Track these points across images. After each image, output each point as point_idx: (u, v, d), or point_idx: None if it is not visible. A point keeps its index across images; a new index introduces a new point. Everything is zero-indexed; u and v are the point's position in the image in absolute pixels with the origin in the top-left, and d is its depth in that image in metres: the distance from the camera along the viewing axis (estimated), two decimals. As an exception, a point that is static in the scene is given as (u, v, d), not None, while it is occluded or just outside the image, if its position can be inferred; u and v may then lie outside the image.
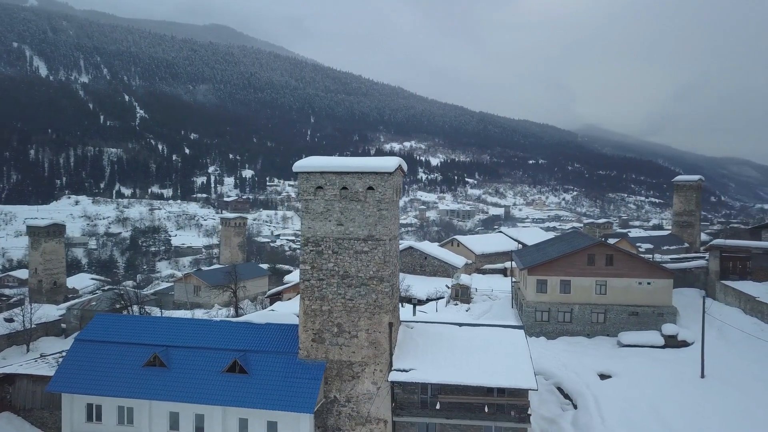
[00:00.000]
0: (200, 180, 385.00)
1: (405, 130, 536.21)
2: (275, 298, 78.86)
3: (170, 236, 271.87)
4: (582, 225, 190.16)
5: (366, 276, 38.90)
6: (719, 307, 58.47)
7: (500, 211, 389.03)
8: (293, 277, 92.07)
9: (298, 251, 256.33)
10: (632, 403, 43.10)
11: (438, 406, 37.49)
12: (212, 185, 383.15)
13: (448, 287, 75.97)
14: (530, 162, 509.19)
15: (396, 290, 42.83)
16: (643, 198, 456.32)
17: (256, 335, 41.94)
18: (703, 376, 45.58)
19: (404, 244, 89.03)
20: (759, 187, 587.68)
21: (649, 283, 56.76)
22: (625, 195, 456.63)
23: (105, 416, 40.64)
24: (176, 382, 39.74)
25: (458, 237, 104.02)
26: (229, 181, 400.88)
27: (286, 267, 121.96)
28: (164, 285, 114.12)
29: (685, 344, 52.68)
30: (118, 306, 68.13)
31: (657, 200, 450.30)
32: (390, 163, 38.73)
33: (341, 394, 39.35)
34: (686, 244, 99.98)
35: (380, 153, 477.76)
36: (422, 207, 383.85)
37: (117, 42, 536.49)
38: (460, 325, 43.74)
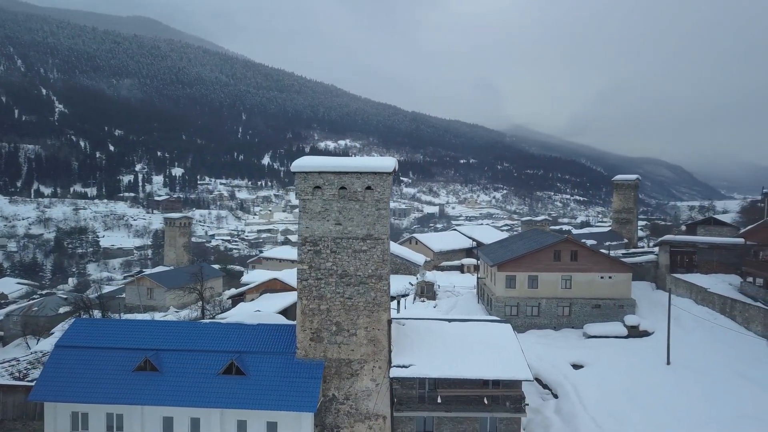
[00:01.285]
0: (127, 178, 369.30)
1: (339, 129, 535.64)
2: (237, 299, 77.56)
3: (98, 237, 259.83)
4: (519, 222, 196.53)
5: (365, 274, 39.44)
6: (673, 298, 62.66)
7: (435, 210, 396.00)
8: (252, 277, 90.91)
9: (245, 251, 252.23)
10: (608, 391, 45.83)
11: (439, 400, 38.53)
12: (140, 184, 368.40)
13: (412, 284, 77.31)
14: (462, 161, 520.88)
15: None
16: (568, 196, 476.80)
17: (250, 336, 41.61)
18: (668, 362, 49.02)
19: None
20: (672, 186, 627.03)
21: (610, 277, 60.22)
22: (552, 193, 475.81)
23: (92, 424, 39.18)
24: (170, 386, 38.85)
25: (417, 235, 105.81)
26: (158, 179, 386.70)
27: (238, 268, 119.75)
28: (109, 288, 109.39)
29: (646, 334, 56.33)
30: (77, 312, 65.26)
31: (581, 198, 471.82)
32: (388, 163, 39.47)
33: (340, 392, 39.71)
34: (625, 240, 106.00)
35: (315, 151, 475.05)
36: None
37: (32, 32, 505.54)
38: (449, 321, 45.05)
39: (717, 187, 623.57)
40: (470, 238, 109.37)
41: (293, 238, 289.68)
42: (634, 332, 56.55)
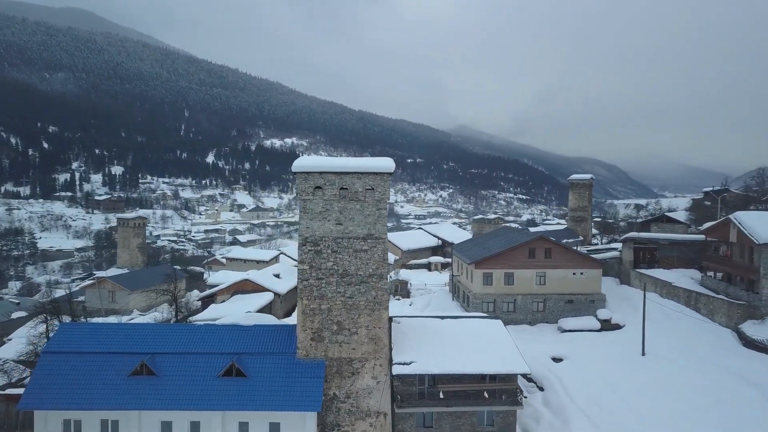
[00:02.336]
0: (63, 177, 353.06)
1: (286, 127, 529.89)
2: (208, 300, 76.17)
3: (35, 239, 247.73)
4: (467, 220, 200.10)
5: (366, 274, 39.87)
6: (637, 292, 65.86)
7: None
8: (218, 278, 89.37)
9: (194, 252, 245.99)
10: (590, 382, 47.93)
11: (441, 395, 39.43)
12: (77, 183, 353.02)
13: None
14: (408, 161, 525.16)
15: (386, 287, 44.12)
16: (511, 195, 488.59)
17: (248, 337, 41.36)
18: (644, 353, 51.65)
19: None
20: (608, 185, 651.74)
21: (582, 273, 62.80)
22: (496, 192, 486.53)
23: (86, 431, 37.99)
24: (168, 389, 38.21)
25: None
26: (97, 178, 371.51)
27: (198, 269, 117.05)
28: (61, 291, 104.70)
29: (618, 327, 59.09)
30: (37, 316, 62.55)
31: (524, 197, 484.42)
32: (389, 163, 39.97)
33: (341, 390, 40.02)
34: (581, 237, 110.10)
35: (261, 149, 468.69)
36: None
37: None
38: (442, 318, 46.04)
39: (650, 186, 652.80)
40: (436, 236, 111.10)
41: (242, 238, 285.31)
42: (607, 326, 59.22)
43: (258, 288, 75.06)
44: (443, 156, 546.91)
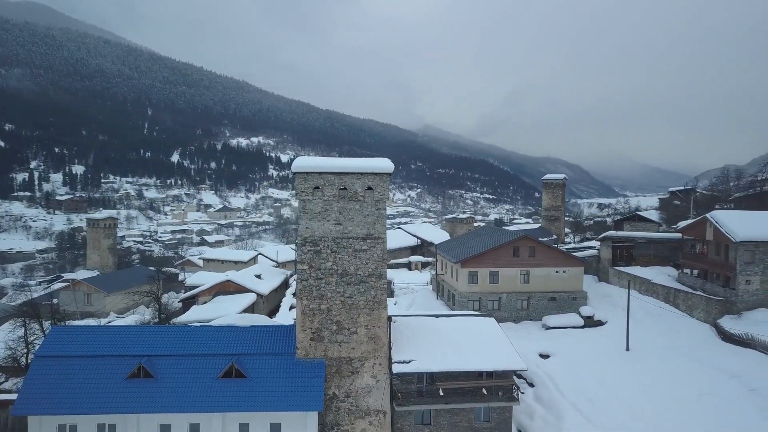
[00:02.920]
0: (21, 176, 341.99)
1: (252, 126, 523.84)
2: (189, 302, 75.10)
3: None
4: (436, 219, 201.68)
5: (365, 273, 40.16)
6: (616, 289, 67.89)
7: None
8: (197, 279, 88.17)
9: (168, 252, 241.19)
10: (578, 377, 49.17)
11: (441, 393, 39.98)
12: (36, 182, 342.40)
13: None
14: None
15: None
16: (478, 194, 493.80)
17: (246, 339, 41.29)
18: (628, 349, 53.20)
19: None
20: (572, 184, 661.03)
21: (564, 272, 64.23)
22: (463, 192, 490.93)
23: (82, 436, 37.32)
24: (167, 392, 37.92)
25: None
26: (57, 177, 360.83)
27: (173, 270, 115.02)
28: (31, 294, 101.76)
29: (600, 323, 60.68)
30: (14, 319, 60.76)
31: (490, 196, 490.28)
32: (388, 164, 40.36)
33: (340, 390, 40.23)
34: (555, 236, 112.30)
35: (227, 148, 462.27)
36: (277, 204, 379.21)
37: None
38: (437, 316, 46.64)
39: (612, 186, 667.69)
40: (415, 236, 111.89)
41: (210, 238, 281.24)
42: (590, 322, 60.77)
43: (240, 289, 74.44)
44: (411, 156, 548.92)
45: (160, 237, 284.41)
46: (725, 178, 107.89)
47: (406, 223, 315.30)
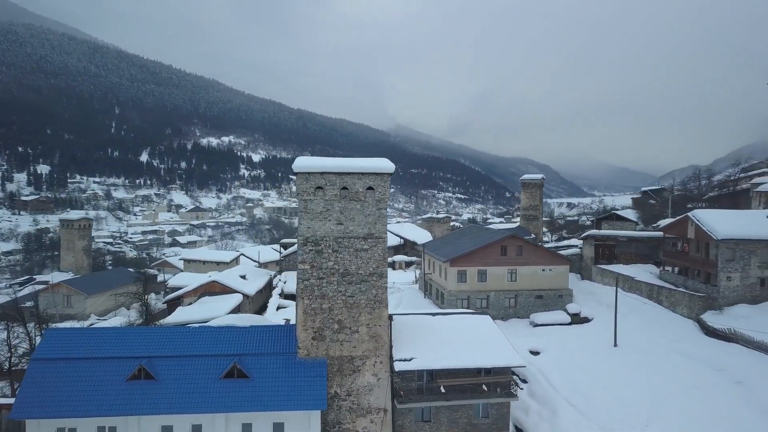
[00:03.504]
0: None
1: (223, 125, 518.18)
2: (174, 303, 74.21)
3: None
4: (420, 219, 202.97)
5: (366, 273, 40.49)
6: (600, 287, 69.54)
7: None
8: (180, 280, 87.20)
9: (133, 253, 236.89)
10: (569, 373, 50.30)
11: (443, 390, 40.53)
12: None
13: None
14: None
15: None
16: (450, 194, 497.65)
17: (246, 339, 41.23)
18: (615, 344, 54.57)
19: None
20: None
21: (550, 270, 65.48)
22: (435, 191, 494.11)
23: (82, 439, 36.82)
24: (169, 393, 37.68)
25: None
26: (21, 177, 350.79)
27: (151, 271, 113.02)
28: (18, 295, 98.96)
29: (586, 320, 62.05)
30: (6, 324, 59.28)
31: (462, 196, 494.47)
32: (389, 164, 40.76)
33: (342, 388, 40.46)
34: (533, 235, 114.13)
35: (197, 148, 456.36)
36: (249, 204, 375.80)
37: None
38: (433, 314, 47.20)
39: (580, 185, 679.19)
40: (398, 236, 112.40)
41: (182, 239, 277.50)
42: (576, 319, 62.08)
43: (226, 290, 73.93)
44: (383, 155, 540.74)
45: (130, 238, 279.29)
46: (697, 177, 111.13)
47: (389, 223, 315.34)
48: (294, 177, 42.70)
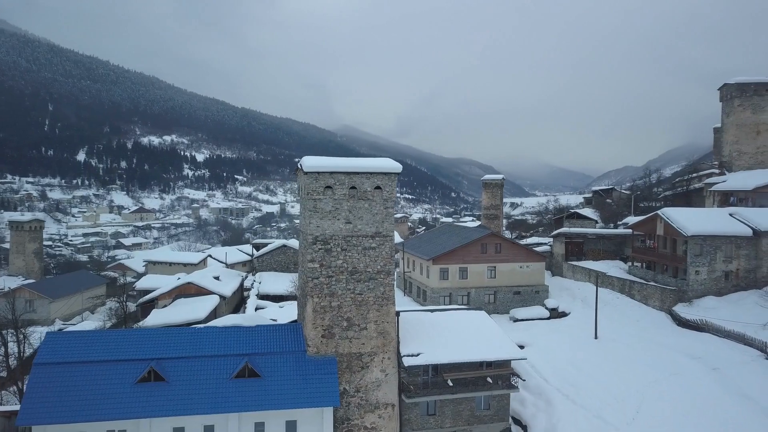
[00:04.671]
0: None
1: (164, 123, 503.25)
2: (148, 306, 72.31)
3: None
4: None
5: (374, 270, 41.17)
6: (572, 282, 72.54)
7: (274, 209, 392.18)
8: (148, 282, 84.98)
9: (87, 256, 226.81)
10: (557, 365, 52.53)
11: (450, 383, 41.71)
12: None
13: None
14: (296, 160, 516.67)
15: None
16: (398, 194, 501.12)
17: (254, 338, 41.19)
18: (596, 337, 57.28)
19: (277, 243, 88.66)
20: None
21: (528, 266, 67.91)
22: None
23: (91, 444, 35.92)
24: (180, 394, 37.27)
25: None
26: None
27: (112, 273, 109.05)
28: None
29: (564, 314, 64.73)
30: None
31: (410, 196, 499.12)
32: (396, 164, 41.62)
33: (350, 385, 40.99)
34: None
35: (138, 147, 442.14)
36: (195, 205, 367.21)
37: None
38: (432, 311, 48.33)
39: (522, 185, 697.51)
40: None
41: (126, 241, 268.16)
42: (555, 314, 64.69)
43: (202, 291, 72.67)
44: (331, 155, 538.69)
45: (71, 240, 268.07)
46: (648, 178, 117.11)
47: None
48: (296, 179, 42.81)
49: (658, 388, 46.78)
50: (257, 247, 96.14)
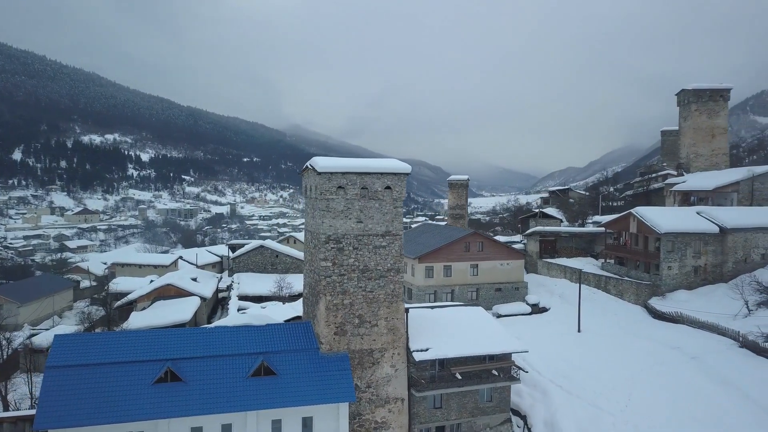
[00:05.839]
0: None
1: (106, 122, 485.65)
2: (126, 309, 70.59)
3: None
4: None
5: (384, 268, 42.17)
6: (548, 279, 75.41)
7: (223, 209, 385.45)
8: (122, 285, 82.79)
9: (29, 260, 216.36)
10: (547, 358, 54.72)
11: (459, 376, 43.11)
12: None
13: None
14: (245, 160, 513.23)
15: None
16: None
17: (268, 337, 41.43)
18: (579, 330, 59.98)
19: (254, 243, 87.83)
20: (434, 185, 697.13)
21: (508, 264, 70.24)
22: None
23: (108, 446, 35.44)
24: (197, 394, 37.20)
25: (295, 234, 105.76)
26: None
27: (75, 277, 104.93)
28: None
29: (545, 310, 67.31)
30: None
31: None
32: (405, 165, 42.78)
33: (362, 381, 41.86)
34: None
35: (79, 146, 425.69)
36: (142, 206, 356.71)
37: None
38: (432, 307, 49.67)
39: (470, 186, 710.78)
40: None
41: (71, 244, 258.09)
42: (536, 309, 67.21)
43: (182, 293, 71.76)
44: (280, 155, 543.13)
45: (11, 243, 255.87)
46: (605, 179, 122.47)
47: (284, 224, 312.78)
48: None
49: (644, 376, 49.55)
50: (233, 248, 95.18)
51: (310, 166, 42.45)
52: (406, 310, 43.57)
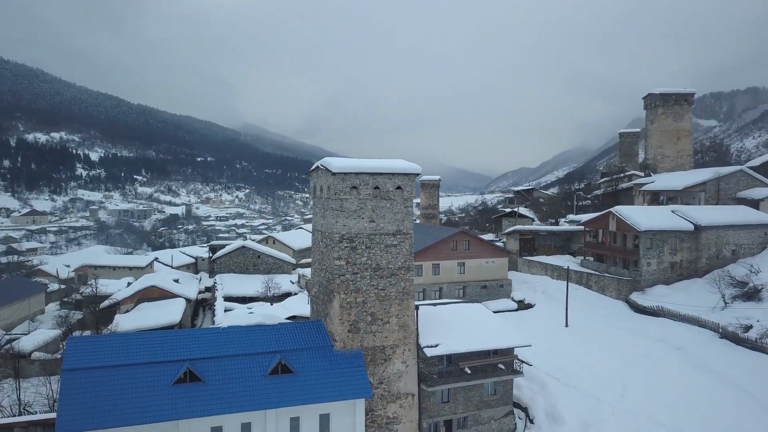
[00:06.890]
0: None
1: (52, 119, 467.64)
2: (109, 312, 68.73)
3: None
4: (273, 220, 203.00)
5: (395, 267, 43.03)
6: (530, 276, 77.61)
7: (178, 210, 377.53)
8: (101, 286, 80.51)
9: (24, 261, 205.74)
10: (540, 353, 56.36)
11: (468, 371, 44.30)
12: None
13: (294, 283, 78.94)
14: (199, 159, 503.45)
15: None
16: (308, 195, 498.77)
17: (283, 336, 41.73)
18: (567, 325, 62.21)
19: (236, 244, 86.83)
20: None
21: (493, 262, 72.08)
22: (292, 192, 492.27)
23: (130, 448, 35.08)
24: (217, 394, 37.28)
25: (274, 234, 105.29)
26: None
27: (42, 280, 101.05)
28: None
29: (530, 306, 69.40)
30: None
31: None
32: (415, 165, 43.70)
33: (374, 377, 42.58)
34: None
35: (23, 144, 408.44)
36: (92, 207, 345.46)
37: None
38: (434, 304, 50.75)
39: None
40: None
41: (19, 246, 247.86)
42: (522, 305, 69.24)
43: (166, 294, 70.59)
44: (235, 155, 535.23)
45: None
46: (571, 179, 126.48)
47: (243, 224, 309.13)
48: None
49: (634, 368, 51.94)
50: (213, 249, 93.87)
51: (322, 167, 42.86)
52: (416, 308, 44.56)
